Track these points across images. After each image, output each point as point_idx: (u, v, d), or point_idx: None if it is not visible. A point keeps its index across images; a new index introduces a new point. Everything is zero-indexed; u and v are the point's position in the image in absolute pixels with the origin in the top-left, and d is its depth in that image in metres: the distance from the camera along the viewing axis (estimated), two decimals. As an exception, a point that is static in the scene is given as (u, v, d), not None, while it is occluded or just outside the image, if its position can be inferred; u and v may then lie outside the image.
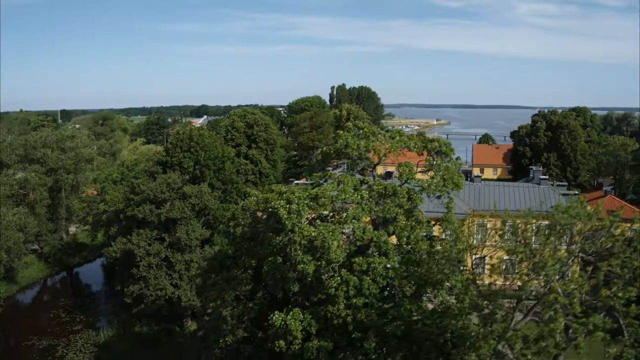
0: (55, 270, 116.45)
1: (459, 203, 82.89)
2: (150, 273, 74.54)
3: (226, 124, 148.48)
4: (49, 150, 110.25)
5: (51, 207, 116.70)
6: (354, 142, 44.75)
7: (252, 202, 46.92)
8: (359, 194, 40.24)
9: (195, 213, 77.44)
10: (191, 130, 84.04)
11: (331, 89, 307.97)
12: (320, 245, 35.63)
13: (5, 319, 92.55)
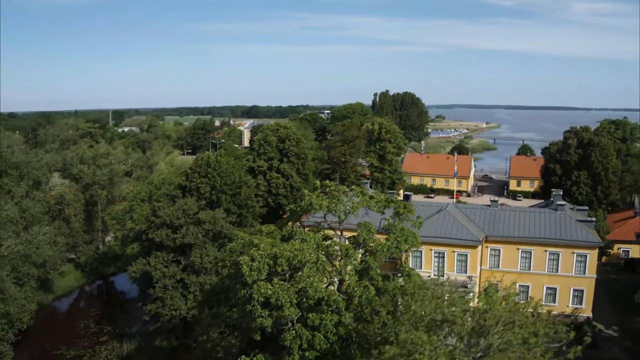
0: (90, 279, 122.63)
1: (472, 229, 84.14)
2: (166, 294, 78.82)
3: (259, 138, 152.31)
4: (85, 166, 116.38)
5: (87, 220, 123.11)
6: (317, 202, 47.41)
7: (239, 244, 50.05)
8: (316, 254, 42.94)
9: (211, 237, 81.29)
10: (209, 157, 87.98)
11: (374, 95, 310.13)
12: (275, 303, 38.75)
13: (39, 328, 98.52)
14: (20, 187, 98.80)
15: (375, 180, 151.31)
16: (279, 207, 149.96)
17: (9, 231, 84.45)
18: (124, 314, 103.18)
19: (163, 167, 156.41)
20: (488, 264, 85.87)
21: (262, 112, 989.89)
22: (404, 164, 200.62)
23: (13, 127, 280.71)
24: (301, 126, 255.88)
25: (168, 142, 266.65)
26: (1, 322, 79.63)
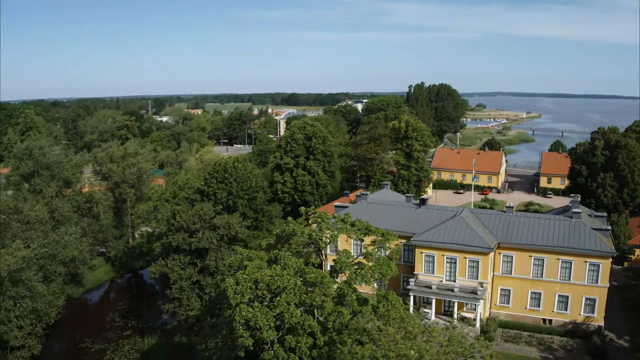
0: (120, 273, 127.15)
1: (485, 236, 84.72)
2: (183, 294, 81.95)
3: (286, 136, 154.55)
4: (115, 165, 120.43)
5: (117, 216, 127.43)
6: (299, 229, 49.22)
7: (237, 259, 52.31)
8: (294, 281, 44.87)
9: (227, 241, 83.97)
10: (226, 163, 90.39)
11: (409, 87, 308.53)
12: (254, 325, 41.03)
13: (68, 321, 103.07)
14: (50, 187, 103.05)
15: (401, 178, 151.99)
16: (304, 203, 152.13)
17: (38, 231, 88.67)
18: (149, 308, 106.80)
19: (193, 163, 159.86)
20: (501, 270, 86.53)
21: (301, 99, 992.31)
22: (435, 159, 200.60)
23: (54, 118, 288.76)
24: (334, 119, 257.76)
25: (203, 134, 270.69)
26: (30, 317, 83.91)
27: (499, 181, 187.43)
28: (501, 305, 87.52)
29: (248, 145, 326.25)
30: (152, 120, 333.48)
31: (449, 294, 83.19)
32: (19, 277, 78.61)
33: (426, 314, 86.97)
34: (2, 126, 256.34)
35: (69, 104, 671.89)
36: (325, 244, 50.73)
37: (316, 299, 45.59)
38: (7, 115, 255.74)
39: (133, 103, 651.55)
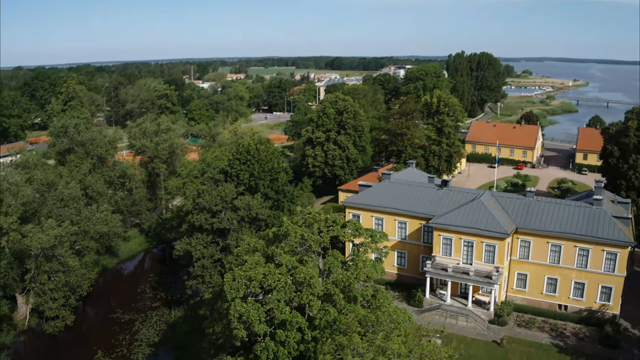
0: (153, 244, 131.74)
1: (502, 221, 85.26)
2: (205, 272, 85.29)
3: (318, 110, 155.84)
4: (148, 140, 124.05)
5: (151, 189, 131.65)
6: (292, 230, 51.03)
7: (244, 248, 54.74)
8: (284, 279, 47.06)
9: (248, 221, 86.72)
10: (249, 145, 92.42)
11: (449, 57, 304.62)
12: (247, 319, 43.64)
13: (101, 291, 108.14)
14: (84, 164, 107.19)
15: (432, 153, 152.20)
16: (335, 177, 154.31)
17: (71, 208, 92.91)
18: (177, 281, 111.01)
19: (227, 135, 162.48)
20: (518, 255, 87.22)
21: (345, 64, 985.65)
22: (470, 132, 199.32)
23: (97, 87, 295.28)
24: (372, 89, 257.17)
25: (241, 103, 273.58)
26: (63, 290, 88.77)
27: (534, 156, 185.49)
28: (517, 290, 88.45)
29: (287, 113, 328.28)
30: (194, 87, 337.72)
31: (464, 277, 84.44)
32: (52, 253, 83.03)
33: (442, 295, 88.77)
34: (47, 95, 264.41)
35: (115, 68, 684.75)
36: (317, 245, 52.36)
37: (304, 298, 47.82)
38: (51, 84, 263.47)
39: (177, 68, 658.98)
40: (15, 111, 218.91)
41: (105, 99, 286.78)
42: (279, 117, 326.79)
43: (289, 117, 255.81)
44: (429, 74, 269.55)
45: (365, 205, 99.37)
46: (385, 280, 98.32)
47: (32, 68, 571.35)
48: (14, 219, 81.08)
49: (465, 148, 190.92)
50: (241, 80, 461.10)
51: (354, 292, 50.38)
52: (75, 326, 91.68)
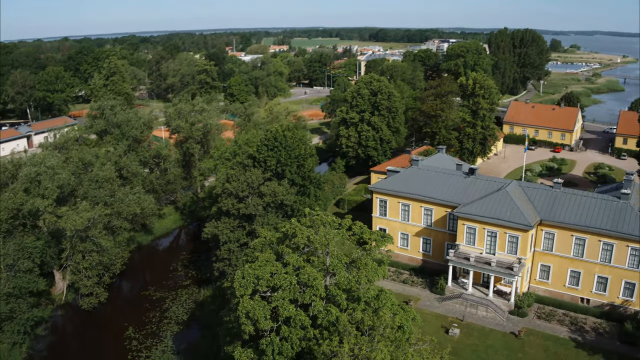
0: (187, 221, 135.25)
1: (527, 212, 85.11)
2: (232, 255, 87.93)
3: (352, 90, 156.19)
4: (182, 121, 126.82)
5: (186, 168, 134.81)
6: (300, 232, 52.49)
7: (260, 242, 56.71)
8: (290, 279, 48.93)
9: (274, 207, 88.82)
10: (277, 131, 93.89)
11: (491, 34, 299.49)
12: (253, 316, 45.88)
13: (136, 267, 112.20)
14: (119, 146, 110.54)
15: (466, 136, 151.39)
16: (368, 158, 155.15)
17: (105, 189, 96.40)
18: (208, 260, 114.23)
19: (262, 114, 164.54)
20: (542, 247, 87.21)
21: (390, 35, 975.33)
22: (508, 112, 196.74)
23: (139, 61, 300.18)
24: (411, 66, 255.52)
25: (280, 79, 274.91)
26: (97, 268, 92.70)
27: (573, 139, 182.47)
28: (540, 281, 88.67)
29: (327, 88, 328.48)
30: (235, 60, 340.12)
31: (485, 268, 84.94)
32: (85, 234, 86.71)
33: (464, 284, 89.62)
34: (90, 69, 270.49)
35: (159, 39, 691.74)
36: (323, 246, 53.75)
37: (307, 298, 49.72)
38: (95, 58, 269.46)
39: (220, 39, 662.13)
40: (59, 86, 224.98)
41: (147, 73, 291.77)
42: (318, 92, 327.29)
43: (329, 92, 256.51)
44: (470, 51, 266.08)
45: (392, 191, 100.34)
46: (410, 266, 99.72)
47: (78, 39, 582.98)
48: (49, 202, 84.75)
49: (503, 129, 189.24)
50: (283, 53, 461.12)
51: (357, 293, 51.83)
52: (109, 302, 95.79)
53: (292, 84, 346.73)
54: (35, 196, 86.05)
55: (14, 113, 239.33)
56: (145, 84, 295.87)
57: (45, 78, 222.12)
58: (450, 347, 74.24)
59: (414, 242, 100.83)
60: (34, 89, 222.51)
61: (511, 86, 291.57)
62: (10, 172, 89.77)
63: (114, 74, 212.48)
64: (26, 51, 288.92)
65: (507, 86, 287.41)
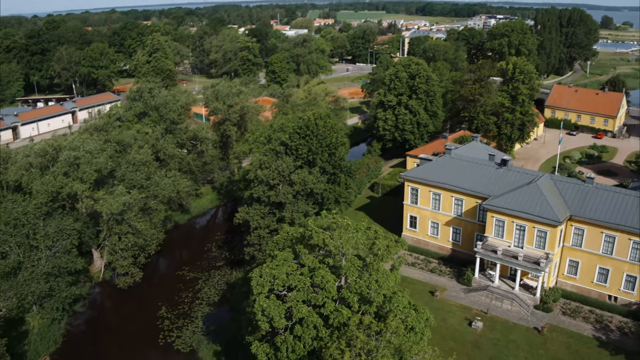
0: (224, 201, 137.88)
1: (557, 208, 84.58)
2: (262, 241, 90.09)
3: (390, 73, 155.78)
4: (220, 103, 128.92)
5: (223, 148, 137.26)
6: (316, 235, 53.72)
7: (282, 236, 58.42)
8: (304, 280, 50.56)
9: (305, 195, 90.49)
10: (309, 119, 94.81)
11: (537, 12, 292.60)
12: (268, 314, 47.83)
13: (172, 247, 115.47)
14: (157, 129, 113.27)
15: (504, 121, 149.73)
16: (405, 141, 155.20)
17: (142, 172, 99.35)
18: (241, 241, 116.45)
19: (301, 95, 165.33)
20: (571, 242, 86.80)
21: (436, 9, 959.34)
22: (550, 96, 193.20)
23: (182, 36, 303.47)
24: (453, 46, 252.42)
25: (322, 56, 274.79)
26: (133, 249, 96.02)
27: (616, 125, 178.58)
28: (568, 276, 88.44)
29: (370, 64, 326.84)
30: (279, 34, 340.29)
31: (512, 261, 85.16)
32: (121, 218, 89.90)
33: (491, 276, 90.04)
34: (135, 44, 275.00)
35: (205, 11, 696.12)
36: (337, 250, 55.00)
37: (319, 300, 51.36)
38: (139, 34, 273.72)
39: (265, 11, 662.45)
40: (103, 62, 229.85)
41: (190, 48, 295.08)
42: (360, 69, 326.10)
43: (371, 69, 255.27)
44: (514, 30, 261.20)
45: (423, 180, 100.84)
46: (439, 255, 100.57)
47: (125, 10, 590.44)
48: (87, 186, 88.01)
49: (545, 112, 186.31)
50: (327, 28, 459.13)
51: (369, 296, 53.08)
52: (144, 281, 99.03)
53: (334, 60, 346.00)
54: (74, 179, 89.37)
55: (60, 88, 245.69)
56: (188, 58, 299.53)
57: (90, 54, 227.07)
58: (471, 342, 75.94)
59: (443, 231, 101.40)
60: (79, 65, 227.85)
61: (557, 66, 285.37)
62: (51, 155, 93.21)
63: (157, 51, 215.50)
64: (72, 26, 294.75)
65: (553, 66, 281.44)
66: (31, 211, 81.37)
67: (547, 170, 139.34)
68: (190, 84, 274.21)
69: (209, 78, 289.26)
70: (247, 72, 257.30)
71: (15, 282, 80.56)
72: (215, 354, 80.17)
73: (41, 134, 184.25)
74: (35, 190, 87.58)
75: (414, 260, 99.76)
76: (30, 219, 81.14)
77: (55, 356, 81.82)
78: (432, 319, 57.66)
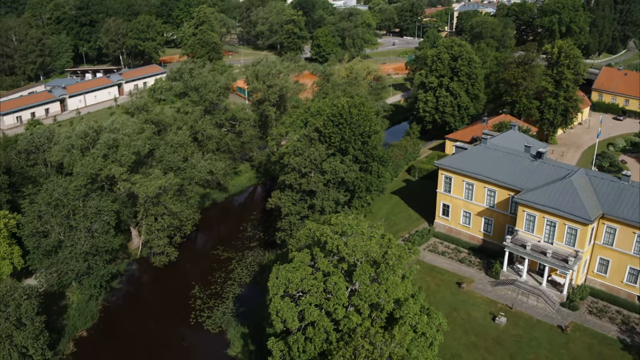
0: (262, 180, 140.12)
1: (589, 206, 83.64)
2: (293, 227, 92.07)
3: (432, 54, 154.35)
4: (260, 83, 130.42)
5: (262, 128, 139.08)
6: (330, 240, 54.80)
7: (304, 233, 59.96)
8: (317, 285, 52.10)
9: (336, 184, 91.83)
10: (343, 107, 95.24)
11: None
12: (281, 316, 50.03)
13: (209, 225, 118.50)
14: (196, 109, 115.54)
15: (547, 106, 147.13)
16: (445, 124, 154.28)
17: (180, 154, 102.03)
18: (276, 222, 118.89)
19: (342, 73, 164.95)
20: (602, 240, 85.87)
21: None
22: (598, 79, 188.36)
23: (229, 7, 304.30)
24: (502, 22, 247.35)
25: (368, 30, 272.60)
26: (168, 230, 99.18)
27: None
28: (598, 274, 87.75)
29: (417, 38, 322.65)
30: (327, 5, 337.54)
31: (540, 258, 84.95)
32: (157, 200, 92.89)
33: (519, 270, 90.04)
34: (182, 14, 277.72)
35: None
36: (350, 257, 56.13)
37: (330, 306, 52.98)
38: (186, 4, 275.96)
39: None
40: (150, 34, 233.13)
41: (237, 19, 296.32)
42: (407, 43, 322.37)
43: (418, 43, 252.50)
44: (566, 7, 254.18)
45: (457, 169, 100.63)
46: (470, 244, 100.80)
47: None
48: (124, 169, 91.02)
49: (592, 96, 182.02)
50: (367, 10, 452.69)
51: (381, 304, 54.32)
52: (179, 260, 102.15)
53: (381, 33, 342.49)
54: (112, 162, 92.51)
55: (108, 58, 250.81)
56: (234, 28, 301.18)
57: (137, 26, 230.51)
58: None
59: (475, 221, 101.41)
60: (126, 37, 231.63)
61: (609, 45, 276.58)
62: (92, 137, 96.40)
63: (203, 23, 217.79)
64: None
65: (605, 45, 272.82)
66: (71, 192, 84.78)
67: (588, 158, 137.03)
68: (235, 55, 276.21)
69: (255, 50, 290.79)
70: (292, 46, 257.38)
71: (56, 260, 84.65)
72: (242, 336, 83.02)
73: (88, 106, 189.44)
74: (76, 172, 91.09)
75: (445, 249, 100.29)
76: (70, 200, 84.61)
77: (92, 331, 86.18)
78: (445, 324, 58.66)
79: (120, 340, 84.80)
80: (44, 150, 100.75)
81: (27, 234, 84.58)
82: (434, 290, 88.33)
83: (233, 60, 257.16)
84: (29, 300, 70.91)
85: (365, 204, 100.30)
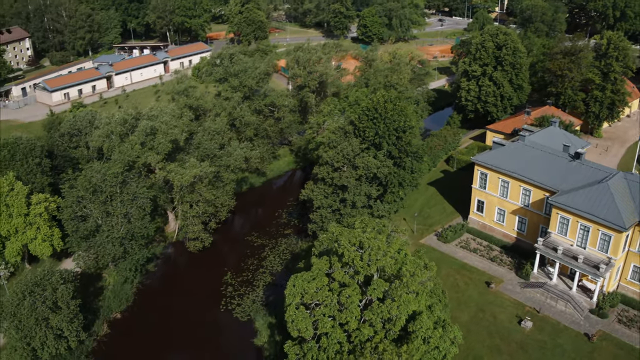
0: (300, 165, 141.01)
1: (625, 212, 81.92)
2: (324, 220, 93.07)
3: (477, 42, 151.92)
4: (300, 69, 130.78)
5: (302, 113, 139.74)
6: (347, 252, 55.28)
7: (327, 237, 60.82)
8: (330, 296, 52.98)
9: (368, 180, 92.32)
10: (378, 102, 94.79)
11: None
12: (296, 325, 51.58)
13: (245, 209, 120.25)
14: (235, 95, 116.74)
15: (593, 99, 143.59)
16: (487, 114, 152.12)
17: (216, 142, 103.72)
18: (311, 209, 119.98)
19: (386, 58, 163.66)
20: (637, 248, 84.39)
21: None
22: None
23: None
24: (552, 6, 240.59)
25: (415, 11, 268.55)
26: (203, 217, 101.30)
27: None
28: (631, 281, 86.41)
29: (466, 19, 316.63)
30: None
31: (571, 262, 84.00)
32: (192, 188, 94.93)
33: (550, 273, 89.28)
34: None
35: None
36: (365, 270, 56.73)
37: (343, 318, 53.92)
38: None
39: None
40: (197, 12, 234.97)
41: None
42: (456, 24, 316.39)
43: (466, 24, 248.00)
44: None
45: (493, 166, 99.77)
46: (503, 242, 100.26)
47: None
48: (160, 157, 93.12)
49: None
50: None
51: (393, 319, 54.97)
52: (214, 245, 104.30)
53: (429, 12, 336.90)
54: (150, 149, 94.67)
55: (156, 34, 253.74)
56: (282, 7, 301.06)
57: (184, 4, 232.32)
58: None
59: (509, 219, 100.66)
60: (173, 14, 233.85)
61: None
62: (130, 124, 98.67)
63: (250, 1, 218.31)
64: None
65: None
66: (109, 179, 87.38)
67: (633, 155, 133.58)
68: (282, 33, 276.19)
69: (302, 27, 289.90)
70: (339, 25, 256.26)
71: (94, 243, 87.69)
72: (270, 326, 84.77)
73: (134, 83, 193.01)
74: (114, 159, 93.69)
75: (477, 245, 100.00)
76: (107, 186, 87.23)
77: (126, 314, 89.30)
78: (460, 337, 58.98)
79: (151, 324, 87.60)
80: (86, 133, 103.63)
81: (67, 218, 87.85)
82: (462, 288, 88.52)
83: (279, 39, 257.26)
84: (65, 285, 74.00)
85: (397, 199, 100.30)
